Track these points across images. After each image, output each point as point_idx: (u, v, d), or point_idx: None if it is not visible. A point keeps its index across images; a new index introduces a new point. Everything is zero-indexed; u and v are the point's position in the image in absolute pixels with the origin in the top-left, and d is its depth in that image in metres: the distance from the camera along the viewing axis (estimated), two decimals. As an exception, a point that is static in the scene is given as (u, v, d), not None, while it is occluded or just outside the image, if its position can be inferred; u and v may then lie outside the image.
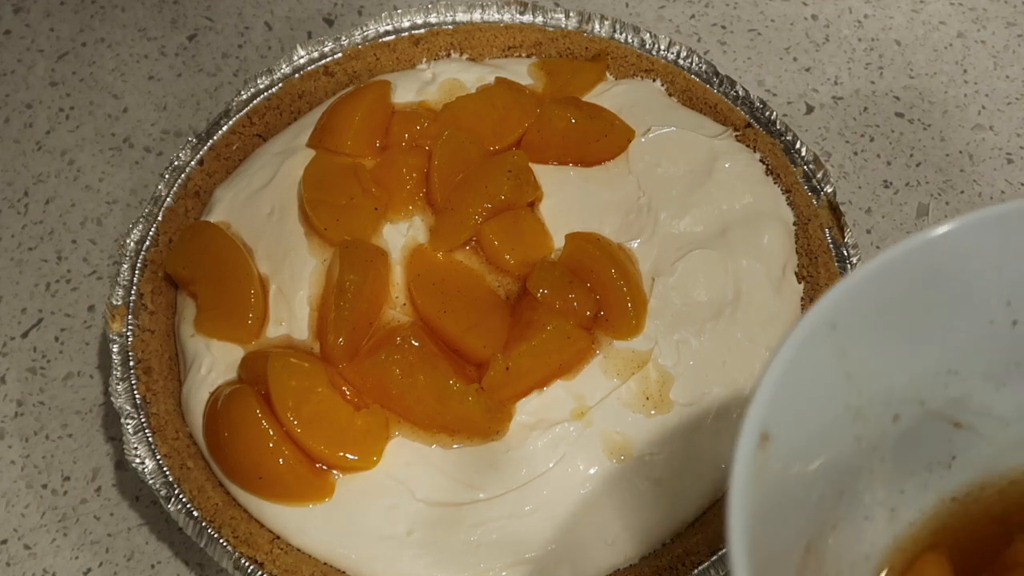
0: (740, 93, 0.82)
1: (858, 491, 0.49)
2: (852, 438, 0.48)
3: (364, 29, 0.86)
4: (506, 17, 0.87)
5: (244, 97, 0.83)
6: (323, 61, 0.85)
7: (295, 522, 0.65)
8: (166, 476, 0.67)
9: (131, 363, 0.71)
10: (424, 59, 0.86)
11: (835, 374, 0.46)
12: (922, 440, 0.51)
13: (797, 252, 0.75)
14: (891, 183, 0.87)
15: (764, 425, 0.41)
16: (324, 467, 0.66)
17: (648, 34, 0.85)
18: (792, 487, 0.44)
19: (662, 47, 0.84)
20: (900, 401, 0.49)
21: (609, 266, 0.70)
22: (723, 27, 0.97)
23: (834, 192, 0.77)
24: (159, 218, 0.78)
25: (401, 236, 0.73)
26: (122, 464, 0.76)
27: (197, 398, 0.69)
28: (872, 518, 0.50)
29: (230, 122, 0.82)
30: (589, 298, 0.69)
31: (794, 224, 0.76)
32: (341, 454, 0.65)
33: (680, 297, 0.71)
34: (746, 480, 0.39)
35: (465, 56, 0.86)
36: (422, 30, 0.86)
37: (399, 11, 0.86)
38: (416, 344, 0.67)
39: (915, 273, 0.46)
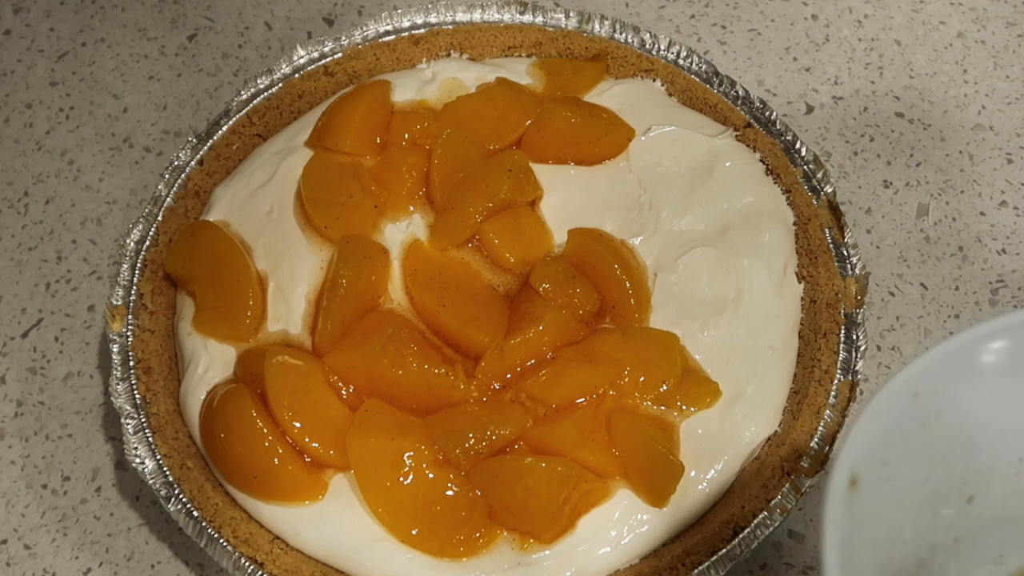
0: (740, 93, 0.82)
1: (933, 569, 0.48)
2: (929, 510, 0.47)
3: (364, 29, 0.86)
4: (506, 17, 0.87)
5: (244, 97, 0.83)
6: (323, 61, 0.85)
7: (291, 523, 0.65)
8: (166, 476, 0.67)
9: (131, 363, 0.71)
10: (424, 59, 0.86)
11: (916, 441, 0.46)
12: (994, 528, 0.49)
13: (797, 252, 0.75)
14: (891, 183, 0.87)
15: (854, 468, 0.42)
16: (319, 466, 0.66)
17: (648, 34, 0.85)
18: (878, 537, 0.44)
19: (662, 47, 0.84)
20: (976, 483, 0.48)
21: (612, 261, 0.70)
22: (723, 27, 0.97)
23: (834, 192, 0.77)
24: (159, 218, 0.78)
25: (401, 234, 0.74)
26: (122, 464, 0.76)
27: (194, 397, 0.70)
28: None
29: (230, 122, 0.82)
30: (591, 294, 0.70)
31: (794, 224, 0.76)
32: (336, 452, 0.65)
33: (683, 293, 0.71)
34: (838, 515, 0.41)
35: (465, 56, 0.86)
36: (422, 30, 0.86)
37: (399, 11, 0.86)
38: (405, 334, 0.67)
39: (998, 354, 0.45)
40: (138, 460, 0.68)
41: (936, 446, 0.46)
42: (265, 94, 0.83)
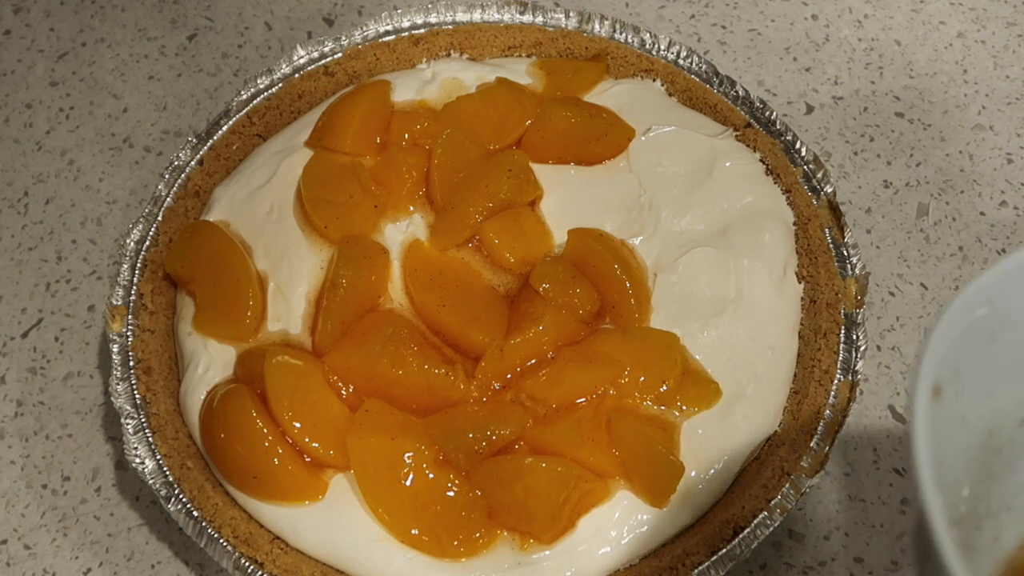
0: (740, 93, 0.82)
1: (980, 492, 0.47)
2: (987, 431, 0.46)
3: (364, 29, 0.86)
4: (506, 17, 0.87)
5: (244, 97, 0.83)
6: (323, 61, 0.85)
7: (291, 523, 0.65)
8: (166, 476, 0.67)
9: (131, 363, 0.71)
10: (424, 59, 0.86)
11: (985, 355, 0.45)
12: None
13: (797, 252, 0.75)
14: (891, 183, 0.87)
15: (936, 376, 0.41)
16: (319, 466, 0.66)
17: (648, 34, 0.85)
18: (952, 455, 0.43)
19: (662, 47, 0.84)
20: None
21: (612, 261, 0.70)
22: (723, 27, 0.97)
23: (834, 192, 0.77)
24: (159, 218, 0.78)
25: (401, 234, 0.74)
26: (122, 464, 0.76)
27: (194, 397, 0.70)
28: (997, 522, 0.48)
29: (230, 122, 0.82)
30: (591, 294, 0.70)
31: (794, 224, 0.76)
32: (336, 452, 0.65)
33: (683, 293, 0.71)
34: (925, 423, 0.39)
35: (465, 56, 0.86)
36: (422, 30, 0.86)
37: (399, 11, 0.86)
38: (405, 334, 0.67)
39: None
40: (138, 460, 0.68)
41: (1002, 362, 0.45)
42: (265, 94, 0.83)
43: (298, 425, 0.65)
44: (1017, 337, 0.45)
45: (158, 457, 0.68)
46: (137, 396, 0.70)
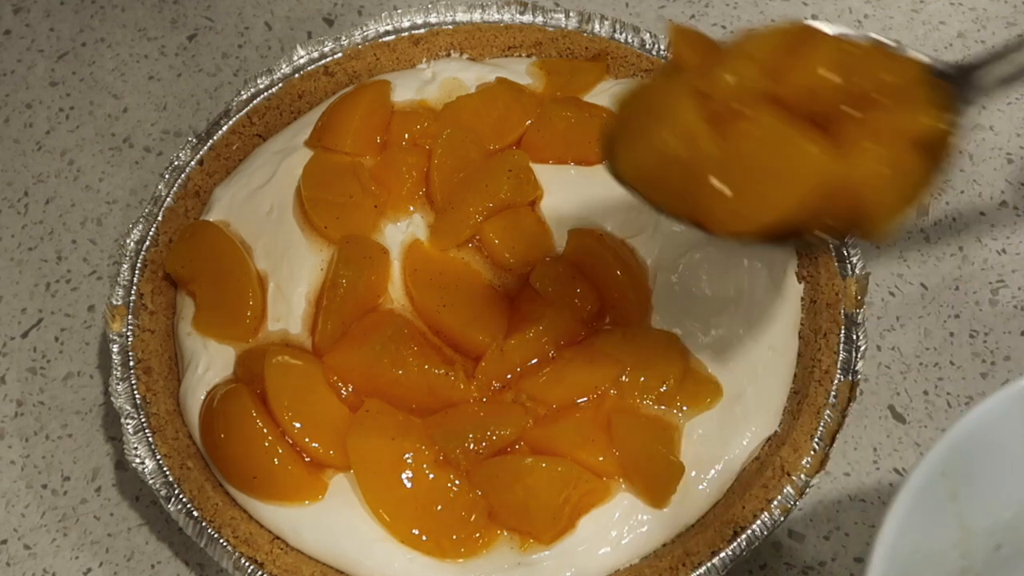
0: (740, 93, 0.81)
1: None
2: (960, 570, 0.48)
3: (364, 29, 0.86)
4: (506, 17, 0.87)
5: (244, 97, 0.83)
6: (323, 61, 0.85)
7: (291, 523, 0.65)
8: (166, 476, 0.67)
9: (131, 363, 0.71)
10: (424, 59, 0.86)
11: (946, 517, 0.46)
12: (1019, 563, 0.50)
13: (797, 252, 0.75)
14: (891, 183, 0.87)
15: None
16: (319, 466, 0.66)
17: (648, 34, 0.85)
18: None
19: (662, 47, 0.84)
20: (1004, 532, 0.49)
21: (612, 261, 0.70)
22: (723, 27, 0.97)
23: (834, 192, 0.77)
24: (159, 218, 0.78)
25: (401, 234, 0.74)
26: (122, 464, 0.76)
27: (194, 397, 0.70)
28: None
29: (230, 122, 0.82)
30: (591, 294, 0.70)
31: (794, 224, 0.76)
32: (336, 452, 0.65)
33: (683, 293, 0.71)
34: None
35: (465, 56, 0.86)
36: (422, 30, 0.86)
37: (399, 11, 0.86)
38: (405, 334, 0.67)
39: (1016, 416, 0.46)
40: (138, 460, 0.68)
41: (965, 512, 0.47)
42: (265, 94, 0.83)
43: (298, 425, 0.65)
44: (975, 490, 0.47)
45: (158, 457, 0.68)
46: (137, 396, 0.70)
